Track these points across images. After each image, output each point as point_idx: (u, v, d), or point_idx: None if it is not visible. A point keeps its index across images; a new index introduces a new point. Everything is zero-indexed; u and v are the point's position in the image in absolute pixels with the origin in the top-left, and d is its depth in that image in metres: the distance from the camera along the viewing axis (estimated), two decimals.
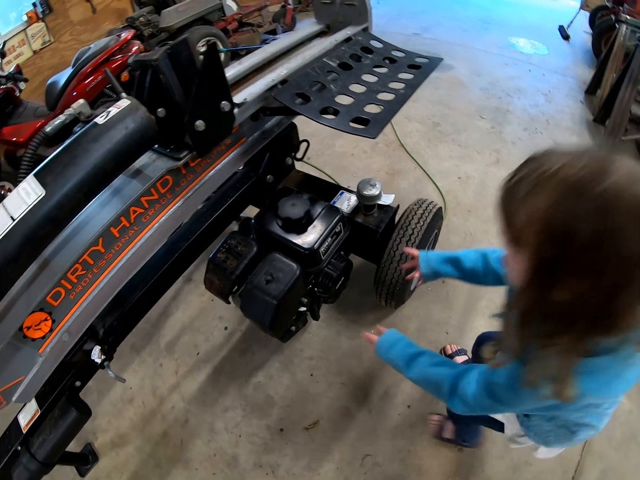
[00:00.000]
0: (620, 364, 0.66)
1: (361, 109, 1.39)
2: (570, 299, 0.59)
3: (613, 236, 0.53)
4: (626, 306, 0.57)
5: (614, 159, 0.56)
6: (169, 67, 1.05)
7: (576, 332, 0.61)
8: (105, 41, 3.54)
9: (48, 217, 0.90)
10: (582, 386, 0.65)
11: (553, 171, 0.58)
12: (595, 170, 0.55)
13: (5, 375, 1.03)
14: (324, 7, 1.94)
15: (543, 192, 0.58)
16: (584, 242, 0.54)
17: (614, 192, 0.53)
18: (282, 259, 1.44)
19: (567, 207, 0.55)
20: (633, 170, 0.55)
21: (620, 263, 0.54)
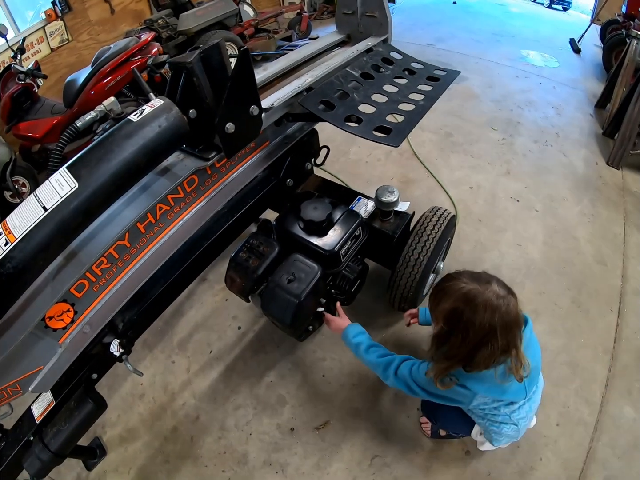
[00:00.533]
0: (499, 378, 1.12)
1: (383, 118, 1.44)
2: (452, 348, 1.11)
3: (471, 325, 1.04)
4: (481, 357, 1.07)
5: (490, 285, 1.07)
6: (202, 70, 1.09)
7: (454, 362, 1.13)
8: (126, 42, 3.58)
9: (80, 209, 0.92)
10: (472, 387, 1.16)
11: (457, 288, 1.09)
12: (476, 290, 1.06)
13: (25, 365, 1.06)
14: (346, 18, 1.99)
15: (451, 298, 1.10)
16: (463, 324, 1.06)
17: (482, 302, 1.04)
18: (304, 260, 1.48)
19: (459, 307, 1.07)
20: (496, 292, 1.05)
21: (475, 336, 1.05)
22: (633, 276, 2.38)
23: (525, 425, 1.36)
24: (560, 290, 2.30)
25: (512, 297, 1.08)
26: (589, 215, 2.78)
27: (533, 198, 2.90)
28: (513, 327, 1.06)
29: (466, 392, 1.18)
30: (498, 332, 1.03)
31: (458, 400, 1.23)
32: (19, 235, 0.87)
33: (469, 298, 1.06)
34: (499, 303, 1.04)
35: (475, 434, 1.52)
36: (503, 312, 1.03)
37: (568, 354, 2.00)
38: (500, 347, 1.04)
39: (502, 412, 1.28)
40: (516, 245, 2.56)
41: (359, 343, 1.45)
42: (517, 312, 1.08)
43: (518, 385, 1.17)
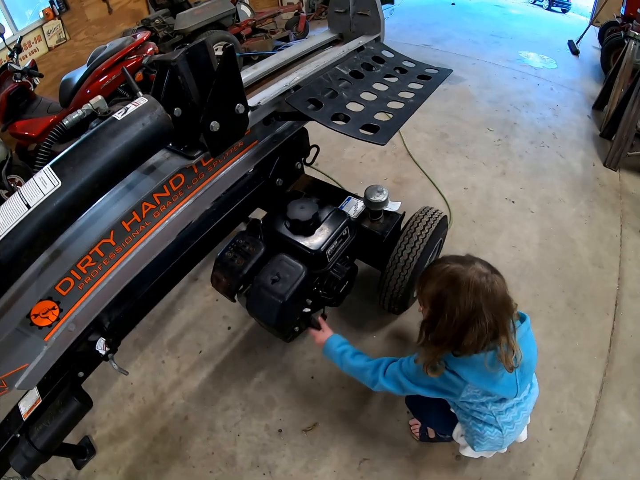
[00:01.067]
0: (489, 365, 1.10)
1: (371, 116, 1.42)
2: (439, 330, 1.11)
3: (456, 303, 1.05)
4: (467, 339, 1.06)
5: (473, 264, 1.09)
6: (187, 69, 1.07)
7: (444, 346, 1.12)
8: (121, 41, 3.60)
9: (63, 206, 0.91)
10: (462, 373, 1.14)
11: (441, 270, 1.12)
12: (459, 269, 1.08)
13: (10, 362, 1.05)
14: (338, 17, 1.98)
15: (435, 280, 1.12)
16: (448, 305, 1.07)
17: (464, 280, 1.05)
18: (289, 260, 1.46)
19: (443, 287, 1.09)
20: (479, 270, 1.07)
21: (461, 316, 1.05)
22: (629, 279, 2.36)
23: (511, 434, 1.33)
24: (555, 293, 2.28)
25: (497, 275, 1.10)
26: (586, 216, 2.77)
27: (529, 199, 2.89)
28: (499, 306, 1.06)
29: (456, 380, 1.16)
30: (483, 309, 1.03)
31: (448, 390, 1.20)
32: (3, 232, 0.86)
33: (452, 278, 1.08)
34: (482, 281, 1.05)
35: (456, 435, 1.50)
36: (487, 290, 1.04)
37: (563, 357, 1.98)
38: (487, 326, 1.04)
39: (489, 410, 1.26)
40: (511, 246, 2.54)
41: (345, 350, 1.44)
42: (503, 292, 1.08)
43: (509, 379, 1.15)
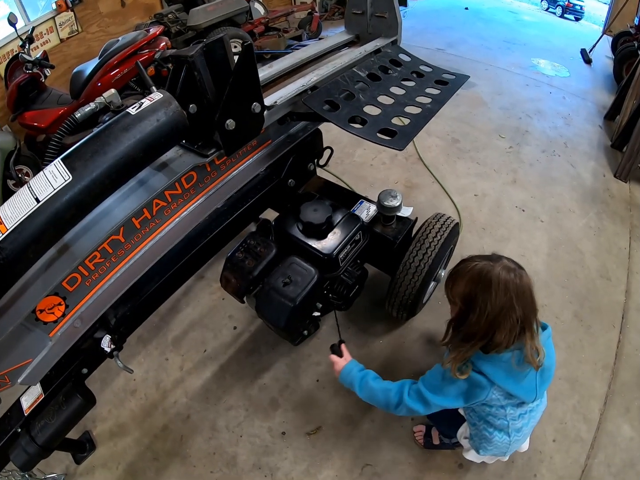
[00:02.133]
0: (516, 364, 1.11)
1: (389, 120, 1.40)
2: (471, 326, 1.11)
3: (488, 298, 1.06)
4: (500, 334, 1.07)
5: (500, 260, 1.11)
6: (204, 65, 1.06)
7: (475, 342, 1.11)
8: (134, 35, 3.58)
9: (73, 202, 0.90)
10: (490, 372, 1.13)
11: (470, 268, 1.13)
12: (487, 265, 1.10)
13: (14, 356, 1.04)
14: (355, 18, 1.97)
15: (465, 278, 1.14)
16: (478, 301, 1.08)
17: (494, 276, 1.07)
18: (301, 263, 1.45)
19: (474, 282, 1.11)
20: (507, 265, 1.10)
21: (493, 311, 1.06)
22: (637, 292, 2.34)
23: (517, 441, 1.33)
24: (562, 304, 2.26)
25: (523, 271, 1.13)
26: (595, 228, 2.75)
27: (539, 208, 2.87)
28: (528, 299, 1.09)
29: (483, 381, 1.15)
30: (514, 302, 1.06)
31: (474, 393, 1.18)
32: (11, 226, 0.85)
33: (482, 274, 1.10)
34: (510, 276, 1.08)
35: (459, 436, 1.51)
36: (516, 283, 1.08)
37: (567, 369, 1.97)
38: (518, 319, 1.07)
39: (505, 414, 1.24)
40: (520, 255, 2.52)
41: (367, 374, 1.38)
42: (530, 287, 1.11)
43: (530, 382, 1.18)
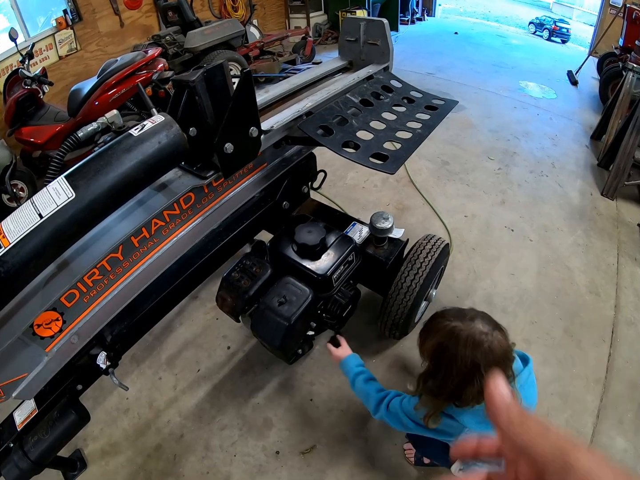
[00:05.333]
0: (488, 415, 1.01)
1: (380, 145, 1.46)
2: (439, 384, 1.12)
3: (454, 362, 1.06)
4: (467, 394, 1.06)
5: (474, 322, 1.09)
6: (204, 90, 1.11)
7: (442, 398, 1.13)
8: (132, 55, 3.65)
9: (75, 219, 0.93)
10: (461, 418, 1.15)
11: (442, 326, 1.12)
12: (459, 327, 1.08)
13: (9, 370, 1.05)
14: (348, 45, 2.04)
15: (435, 336, 1.13)
16: (447, 360, 1.08)
17: (463, 338, 1.06)
18: (296, 283, 1.47)
19: (443, 343, 1.10)
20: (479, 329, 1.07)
21: (459, 372, 1.06)
22: (626, 306, 2.38)
23: None
24: (552, 320, 2.30)
25: (499, 332, 1.10)
26: (583, 245, 2.81)
27: (527, 228, 2.93)
28: (499, 361, 1.06)
29: (455, 425, 1.17)
30: (482, 368, 1.04)
31: (448, 432, 1.21)
32: (13, 240, 0.87)
33: (453, 335, 1.09)
34: (481, 339, 1.06)
35: (454, 469, 1.49)
36: (486, 349, 1.05)
37: (559, 384, 1.99)
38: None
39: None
40: (509, 274, 2.57)
41: (362, 372, 1.46)
42: (504, 348, 1.08)
43: None
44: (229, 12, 6.14)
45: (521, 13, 13.53)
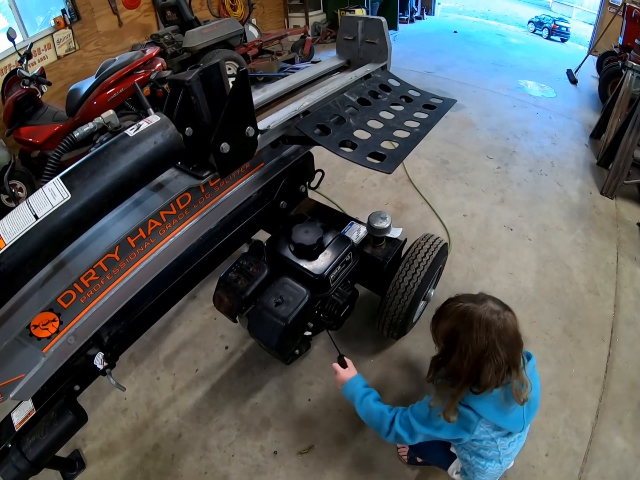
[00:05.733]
0: (503, 400, 1.13)
1: (378, 144, 1.45)
2: (454, 367, 1.12)
3: (470, 340, 1.07)
4: (485, 375, 1.06)
5: (485, 302, 1.12)
6: (200, 89, 1.10)
7: (459, 384, 1.12)
8: (130, 55, 3.64)
9: (71, 219, 0.92)
10: (478, 407, 1.14)
11: (454, 308, 1.15)
12: (471, 307, 1.11)
13: (6, 371, 1.05)
14: (346, 43, 2.03)
15: (449, 318, 1.15)
16: (461, 342, 1.09)
17: (477, 317, 1.08)
18: (293, 283, 1.47)
19: (456, 325, 1.12)
20: (491, 308, 1.10)
21: (475, 352, 1.06)
22: (625, 306, 2.38)
23: (508, 464, 1.35)
24: (551, 320, 2.29)
25: (509, 312, 1.13)
26: (583, 244, 2.80)
27: (527, 227, 2.92)
28: (512, 341, 1.09)
29: (472, 415, 1.15)
30: (497, 345, 1.06)
31: (462, 427, 1.17)
32: (9, 241, 0.87)
33: (465, 315, 1.11)
34: (493, 318, 1.08)
35: (451, 472, 1.49)
36: (499, 326, 1.07)
37: (558, 384, 1.99)
38: (504, 361, 1.07)
39: (496, 445, 1.25)
40: (508, 273, 2.56)
41: (369, 392, 1.39)
42: (515, 328, 1.11)
43: (518, 413, 1.18)
44: (227, 11, 6.13)
45: (521, 12, 13.53)
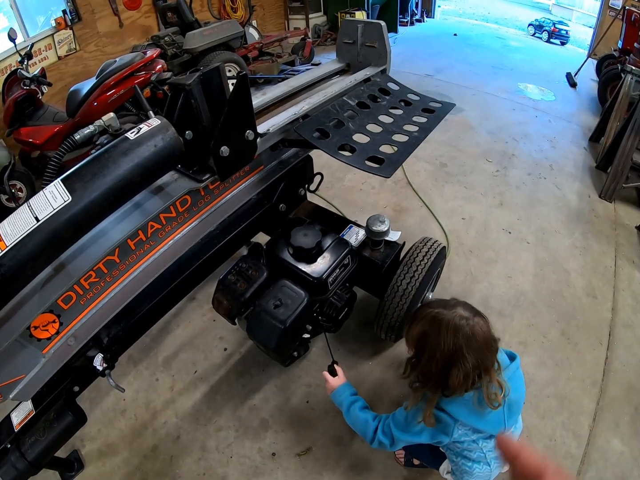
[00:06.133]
0: (477, 404, 1.14)
1: (377, 148, 1.46)
2: (424, 370, 1.15)
3: (437, 344, 1.09)
4: (453, 380, 1.08)
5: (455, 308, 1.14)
6: (201, 93, 1.11)
7: (429, 387, 1.16)
8: (131, 56, 3.65)
9: (72, 222, 0.93)
10: (452, 410, 1.16)
11: (425, 313, 1.17)
12: (441, 312, 1.13)
13: (6, 372, 1.05)
14: (346, 47, 2.04)
15: (419, 323, 1.17)
16: (430, 346, 1.11)
17: (445, 323, 1.10)
18: (291, 286, 1.48)
19: (426, 330, 1.13)
20: (460, 314, 1.11)
21: (442, 357, 1.08)
22: (623, 309, 2.39)
23: (498, 467, 1.35)
24: (549, 323, 2.30)
25: (480, 318, 1.14)
26: (581, 247, 2.81)
27: (525, 230, 2.93)
28: (482, 347, 1.10)
29: (447, 419, 1.17)
30: (464, 350, 1.07)
31: (440, 431, 1.21)
32: (10, 243, 0.88)
33: (435, 321, 1.13)
34: (461, 323, 1.10)
35: (442, 471, 1.51)
36: (467, 332, 1.09)
37: (556, 387, 2.00)
38: (472, 367, 1.08)
39: (480, 447, 1.26)
40: (506, 276, 2.57)
41: (356, 400, 1.45)
42: (486, 334, 1.12)
43: (497, 415, 1.18)
44: (228, 13, 6.13)
45: (520, 15, 13.52)
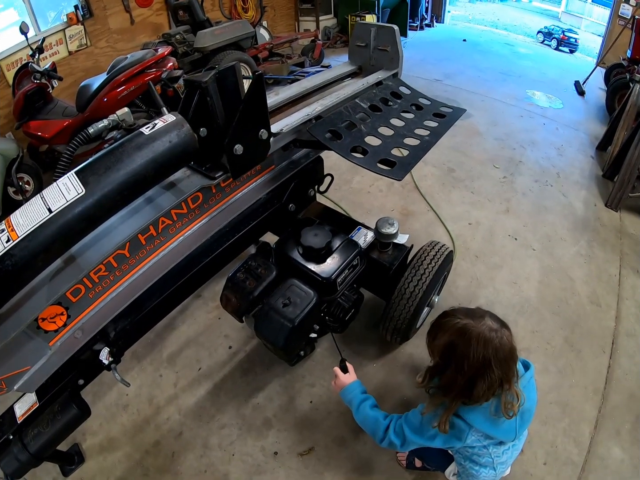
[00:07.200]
0: (493, 412, 1.15)
1: (388, 151, 1.47)
2: (448, 381, 1.14)
3: (466, 358, 1.08)
4: (478, 391, 1.08)
5: (484, 319, 1.12)
6: (216, 91, 1.12)
7: (452, 396, 1.15)
8: (142, 53, 3.66)
9: (84, 215, 0.94)
10: (469, 417, 1.16)
11: (452, 324, 1.14)
12: (470, 324, 1.11)
13: (12, 363, 1.06)
14: (358, 50, 2.05)
15: (446, 333, 1.15)
16: (457, 356, 1.10)
17: (475, 335, 1.08)
18: (300, 285, 1.48)
19: (454, 341, 1.12)
20: (489, 326, 1.10)
21: (470, 368, 1.08)
22: (627, 318, 2.39)
23: (503, 472, 1.36)
24: (553, 330, 2.30)
25: (506, 330, 1.14)
26: (586, 256, 2.81)
27: (531, 237, 2.93)
28: (507, 359, 1.10)
29: (462, 425, 1.18)
30: (493, 363, 1.07)
31: (454, 436, 1.20)
32: (22, 233, 0.88)
33: (463, 332, 1.11)
34: (491, 336, 1.09)
35: (448, 474, 1.52)
36: (496, 344, 1.08)
37: (558, 393, 2.00)
38: (497, 378, 1.08)
39: (489, 453, 1.27)
40: (512, 282, 2.57)
41: (367, 399, 1.43)
42: (511, 345, 1.12)
43: (510, 424, 1.18)
44: (239, 13, 6.17)
45: (530, 22, 13.52)
